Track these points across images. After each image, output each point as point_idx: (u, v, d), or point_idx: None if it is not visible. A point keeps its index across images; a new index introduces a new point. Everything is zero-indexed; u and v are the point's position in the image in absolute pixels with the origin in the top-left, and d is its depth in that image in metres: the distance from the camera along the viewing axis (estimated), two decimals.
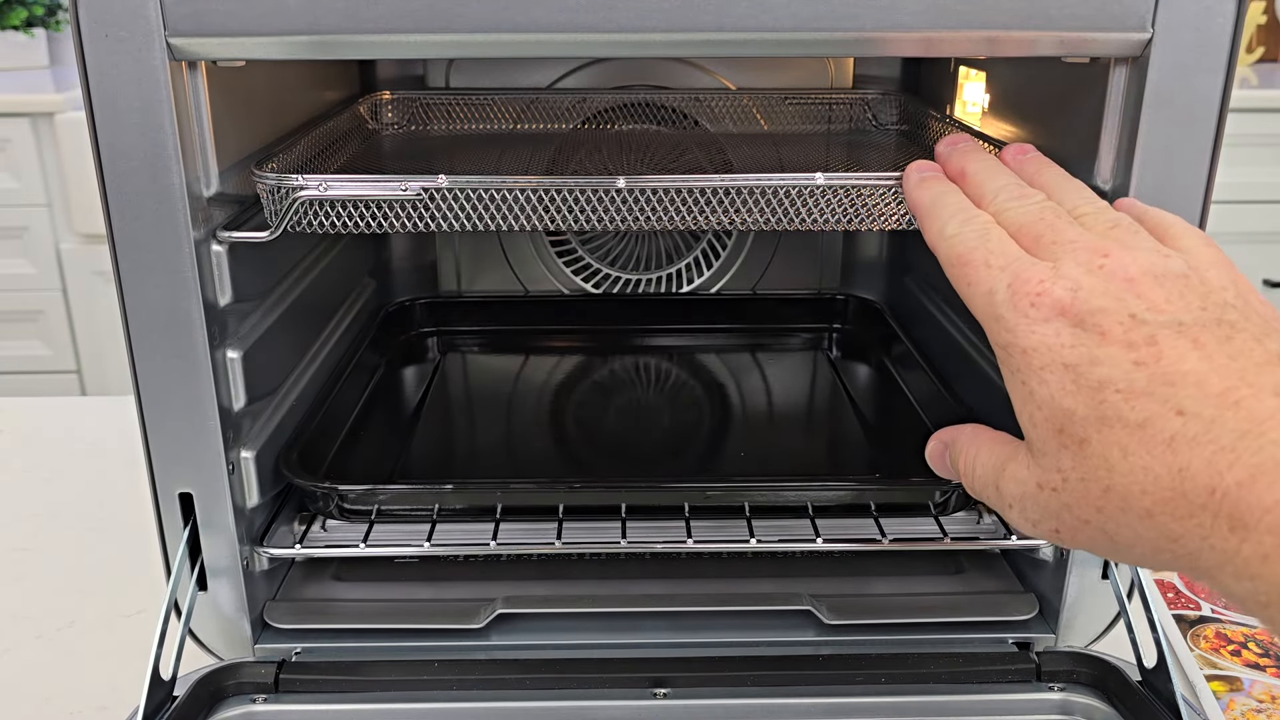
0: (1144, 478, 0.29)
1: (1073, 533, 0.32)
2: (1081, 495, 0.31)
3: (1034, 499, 0.33)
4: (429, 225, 0.48)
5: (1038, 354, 0.32)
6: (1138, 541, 0.30)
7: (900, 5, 0.42)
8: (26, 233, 1.95)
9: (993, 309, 0.34)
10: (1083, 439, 0.31)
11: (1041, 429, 0.32)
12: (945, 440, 0.40)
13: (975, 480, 0.37)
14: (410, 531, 0.54)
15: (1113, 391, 0.30)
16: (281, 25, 0.42)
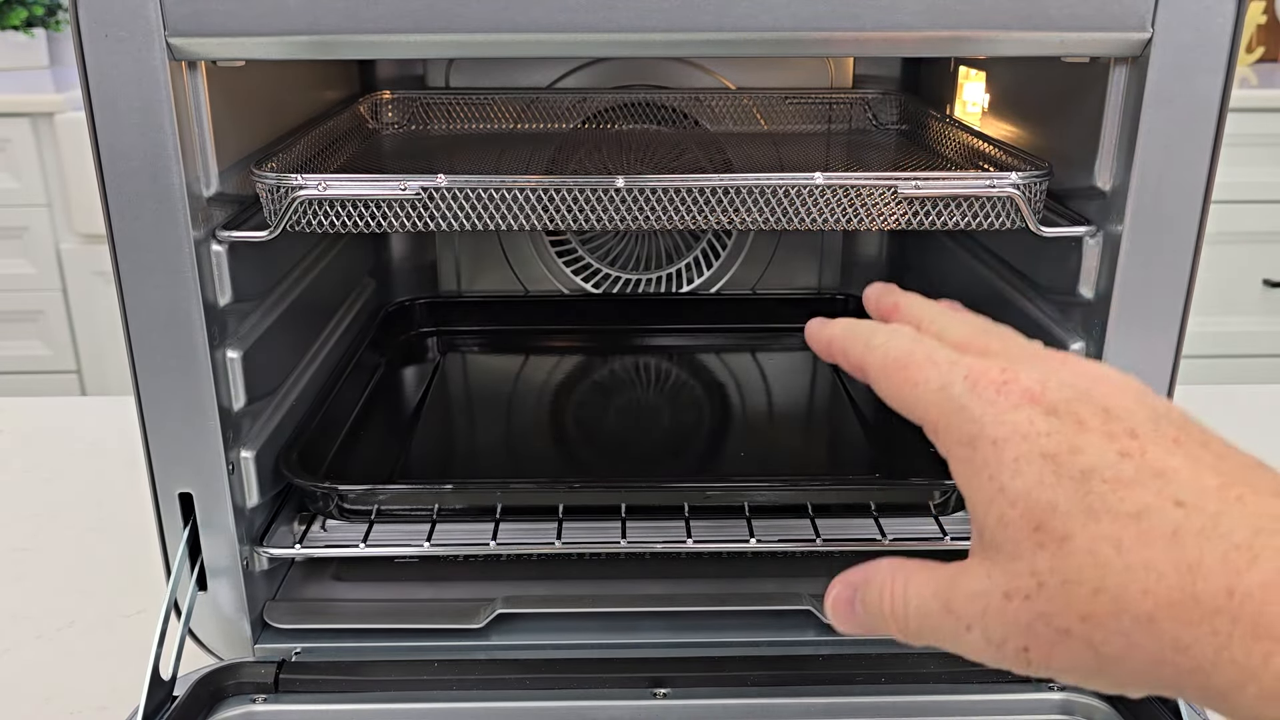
0: (1145, 575, 0.25)
1: (1047, 649, 0.27)
2: (1063, 601, 0.27)
3: (998, 613, 0.28)
4: (429, 225, 0.48)
5: (1010, 444, 0.28)
6: (1131, 653, 0.26)
7: (900, 5, 0.42)
8: (26, 233, 1.95)
9: (950, 402, 0.30)
10: (1065, 535, 0.27)
11: (1014, 528, 0.28)
12: (854, 582, 0.34)
13: (909, 613, 0.32)
14: (410, 531, 0.54)
15: (1099, 481, 0.27)
16: (281, 25, 0.42)
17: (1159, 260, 0.45)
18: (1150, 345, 0.47)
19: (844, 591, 0.34)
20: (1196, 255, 0.45)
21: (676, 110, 0.76)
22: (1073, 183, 0.50)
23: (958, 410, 0.30)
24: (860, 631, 0.34)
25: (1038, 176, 0.48)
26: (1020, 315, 0.57)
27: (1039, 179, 0.48)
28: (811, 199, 0.49)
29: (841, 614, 0.34)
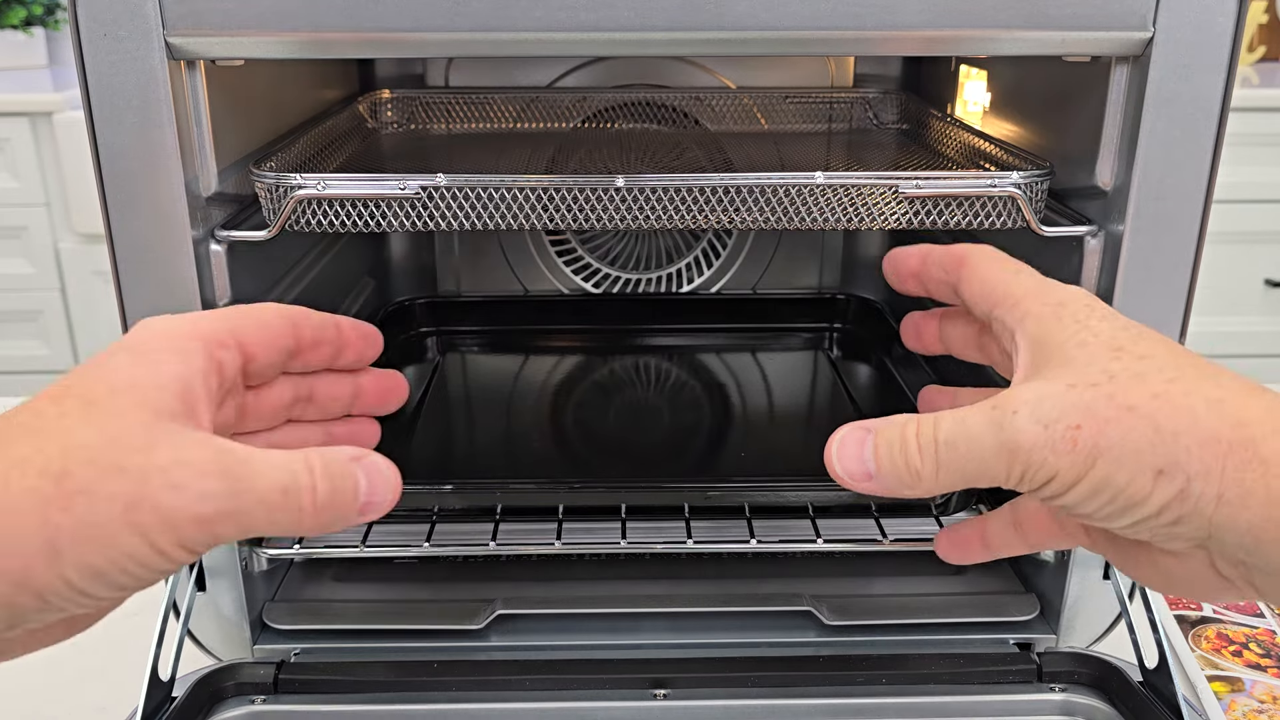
0: (1218, 378, 0.31)
1: (1102, 426, 0.30)
2: (1136, 384, 0.30)
3: (1058, 397, 0.31)
4: (428, 224, 0.48)
5: (1099, 309, 0.34)
6: (1192, 428, 0.29)
7: (901, 5, 0.42)
8: (25, 232, 1.94)
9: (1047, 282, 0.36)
10: (1144, 355, 0.31)
11: (1093, 347, 0.32)
12: (869, 425, 0.35)
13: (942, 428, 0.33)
14: (409, 532, 0.54)
15: (1182, 350, 0.33)
16: (281, 24, 0.41)
17: (1160, 260, 0.45)
18: None
19: (855, 432, 0.35)
20: (1198, 255, 0.45)
21: (676, 110, 0.76)
22: (1074, 182, 0.50)
23: (1054, 289, 0.35)
24: (859, 475, 0.35)
25: (1039, 176, 0.48)
26: None
27: (1040, 178, 0.48)
28: (812, 198, 0.49)
29: (848, 453, 0.35)
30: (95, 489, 0.27)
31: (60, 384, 0.30)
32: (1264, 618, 0.58)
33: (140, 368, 0.30)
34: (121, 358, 0.30)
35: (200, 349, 0.32)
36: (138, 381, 0.29)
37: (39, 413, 0.28)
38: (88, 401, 0.28)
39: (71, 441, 0.27)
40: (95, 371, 0.30)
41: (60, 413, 0.28)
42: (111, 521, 0.27)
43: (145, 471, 0.27)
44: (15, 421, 0.28)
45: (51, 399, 0.29)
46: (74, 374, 0.30)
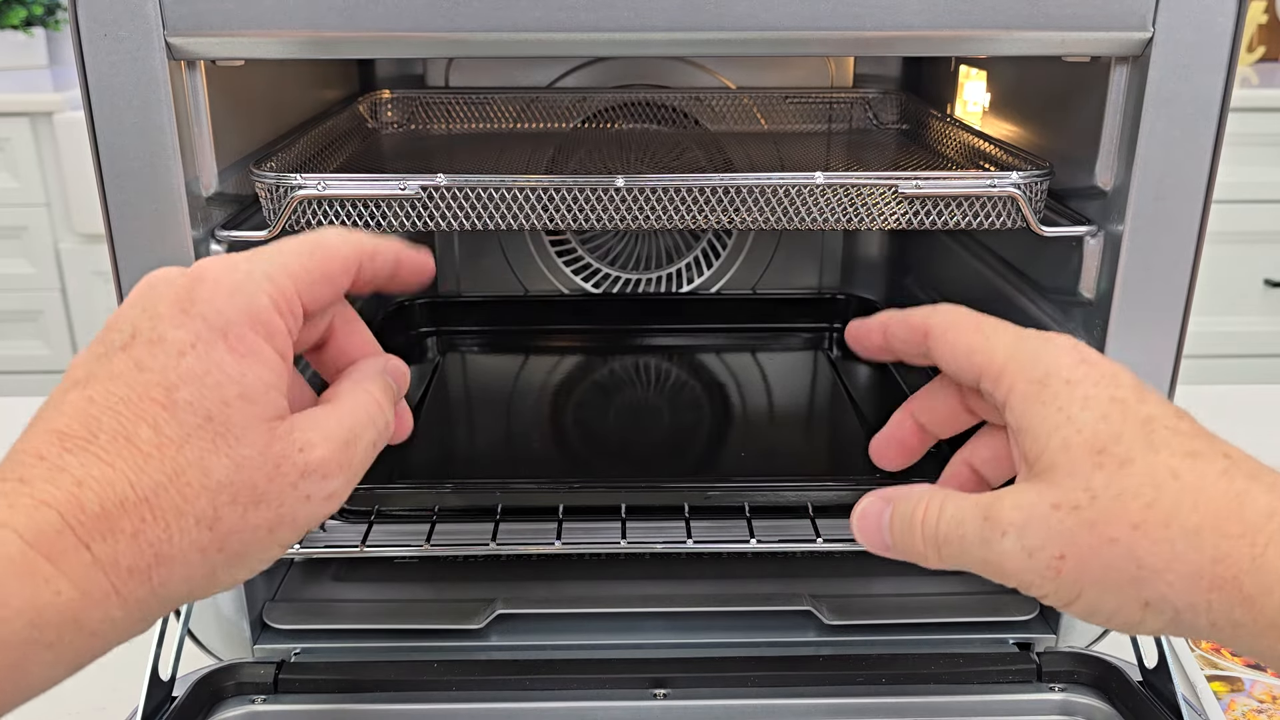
0: (1197, 496, 0.29)
1: (1084, 558, 0.30)
2: (1116, 511, 0.29)
3: (1042, 521, 0.30)
4: (428, 225, 0.48)
5: (1082, 385, 0.31)
6: (1173, 564, 0.29)
7: (900, 5, 0.42)
8: (25, 232, 1.94)
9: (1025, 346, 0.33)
10: (1126, 459, 0.30)
11: (1076, 450, 0.31)
12: (889, 496, 0.35)
13: (942, 521, 0.33)
14: (409, 532, 0.54)
15: (1161, 426, 0.30)
16: (281, 24, 0.41)
17: (1160, 260, 0.45)
18: (1151, 345, 0.47)
19: (875, 504, 0.35)
20: (1197, 255, 0.45)
21: (676, 110, 0.76)
22: (1073, 182, 0.50)
23: (1033, 352, 0.33)
24: (879, 546, 0.35)
25: (1039, 176, 0.48)
26: (1021, 315, 0.57)
27: (1040, 178, 0.48)
28: (812, 198, 0.49)
29: (869, 525, 0.35)
30: (242, 525, 0.29)
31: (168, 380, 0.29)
32: None
33: (243, 367, 0.29)
34: (221, 354, 0.29)
35: (281, 326, 0.31)
36: (247, 390, 0.29)
37: (162, 433, 0.28)
38: (206, 417, 0.28)
39: (211, 481, 0.28)
40: (199, 370, 0.29)
41: (185, 435, 0.28)
42: (259, 544, 0.30)
43: (280, 496, 0.29)
44: (143, 449, 0.28)
45: (166, 407, 0.28)
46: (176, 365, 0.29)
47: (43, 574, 0.26)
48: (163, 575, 0.28)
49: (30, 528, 0.26)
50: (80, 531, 0.26)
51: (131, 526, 0.27)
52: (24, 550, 0.25)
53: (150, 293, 0.31)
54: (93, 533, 0.26)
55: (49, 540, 0.26)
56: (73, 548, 0.26)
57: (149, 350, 0.29)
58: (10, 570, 0.25)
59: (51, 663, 0.26)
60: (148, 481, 0.27)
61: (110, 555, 0.27)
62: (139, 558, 0.27)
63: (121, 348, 0.29)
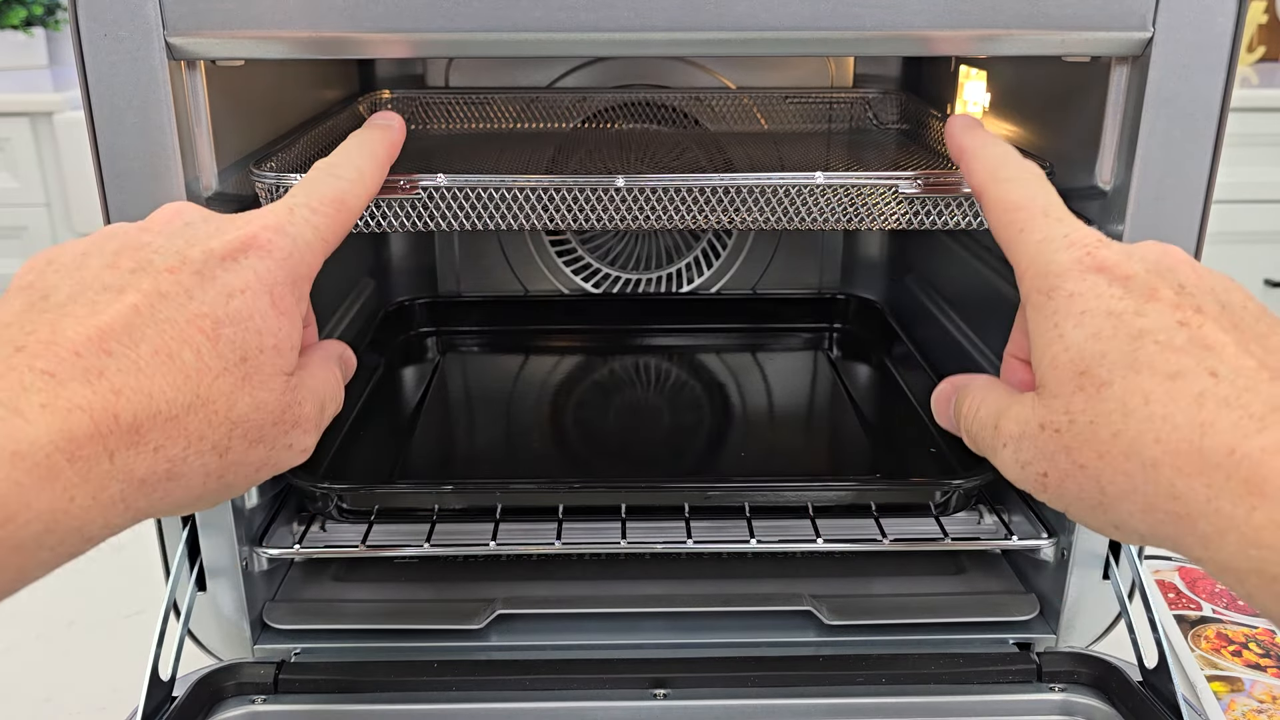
0: (1161, 426, 0.28)
1: (1062, 478, 0.31)
2: (1087, 438, 0.30)
3: (1032, 439, 0.32)
4: (429, 225, 0.48)
5: (1083, 298, 0.31)
6: (1131, 494, 0.29)
7: (900, 5, 0.42)
8: (25, 232, 1.94)
9: (1043, 255, 0.33)
10: (1105, 382, 0.30)
11: (1062, 370, 0.31)
12: (958, 384, 0.39)
13: (975, 421, 0.36)
14: (410, 532, 0.54)
15: (1151, 341, 0.30)
16: (281, 24, 0.41)
17: None
18: None
19: (946, 389, 0.40)
20: (1197, 255, 0.45)
21: (676, 110, 0.76)
22: (1073, 182, 0.50)
23: (1048, 262, 0.33)
24: (947, 425, 0.39)
25: None
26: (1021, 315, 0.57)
27: None
28: (812, 198, 0.49)
29: (940, 404, 0.40)
30: (243, 459, 0.31)
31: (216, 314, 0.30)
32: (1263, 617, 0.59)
33: (280, 323, 0.32)
34: (265, 307, 0.31)
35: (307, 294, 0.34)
36: (279, 343, 0.32)
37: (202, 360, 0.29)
38: (243, 358, 0.31)
39: (234, 415, 0.30)
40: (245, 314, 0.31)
41: (222, 368, 0.30)
42: (244, 479, 0.32)
43: (275, 440, 0.32)
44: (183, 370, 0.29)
45: (210, 339, 0.30)
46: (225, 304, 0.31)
47: (64, 479, 0.26)
48: (167, 490, 0.29)
49: (63, 430, 0.26)
50: (108, 440, 0.27)
51: (155, 441, 0.28)
52: (50, 453, 0.25)
53: (188, 230, 0.33)
54: (119, 442, 0.27)
55: (76, 445, 0.26)
56: (98, 455, 0.26)
57: (198, 282, 0.30)
58: (34, 473, 0.25)
59: (46, 563, 0.26)
60: (182, 401, 0.29)
61: (128, 466, 0.27)
62: (153, 471, 0.28)
63: (168, 270, 0.30)
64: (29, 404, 0.25)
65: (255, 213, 0.34)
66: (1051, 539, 0.53)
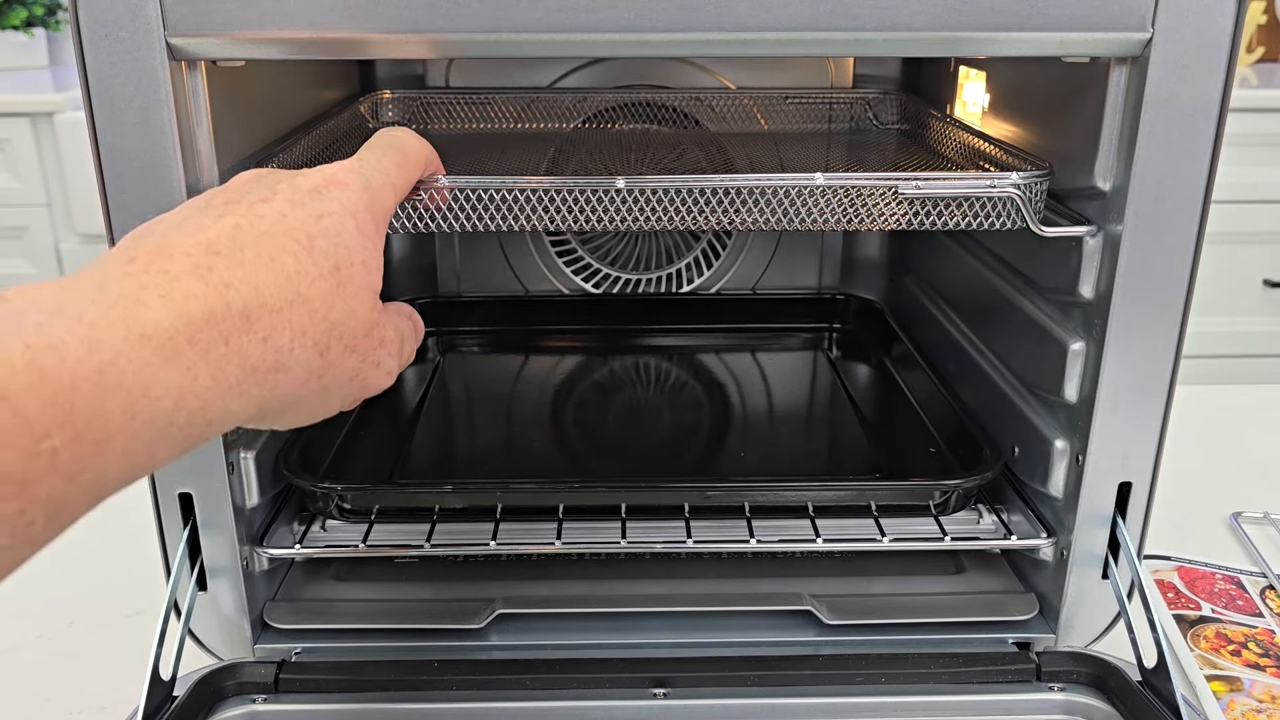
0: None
1: None
2: None
3: None
4: (429, 225, 0.48)
5: None
6: None
7: (900, 5, 0.42)
8: (26, 233, 1.94)
9: None
10: None
11: None
12: None
13: None
14: (410, 531, 0.54)
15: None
16: (281, 25, 0.42)
17: (1159, 260, 0.45)
18: (1150, 345, 0.47)
19: None
20: (1196, 255, 0.45)
21: (677, 110, 0.76)
22: (1073, 183, 0.50)
23: None
24: None
25: (1038, 176, 0.48)
26: (1021, 315, 0.57)
27: (1040, 179, 0.48)
28: (812, 199, 0.49)
29: None
30: (340, 363, 0.34)
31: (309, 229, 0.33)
32: (1262, 617, 0.59)
33: (365, 243, 0.35)
34: (350, 227, 0.34)
35: (381, 228, 0.37)
36: (367, 260, 0.34)
37: (300, 263, 0.32)
38: (336, 267, 0.33)
39: (331, 316, 0.33)
40: (334, 231, 0.33)
41: (318, 273, 0.32)
42: (340, 388, 0.35)
43: (366, 353, 0.35)
44: (284, 270, 0.31)
45: (305, 248, 0.32)
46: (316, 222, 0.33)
47: (186, 359, 0.28)
48: (276, 381, 0.31)
49: (182, 315, 0.28)
50: (223, 325, 0.29)
51: (264, 330, 0.30)
52: (173, 335, 0.27)
53: (270, 176, 0.35)
54: (233, 329, 0.29)
55: (195, 328, 0.28)
56: (215, 339, 0.28)
57: (290, 205, 0.33)
58: (160, 353, 0.27)
59: (174, 443, 0.28)
60: (285, 296, 0.31)
61: (242, 351, 0.29)
62: (264, 359, 0.30)
63: (262, 200, 0.33)
64: (149, 296, 0.28)
65: (329, 164, 0.37)
66: (1051, 539, 0.53)
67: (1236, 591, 0.61)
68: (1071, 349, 0.50)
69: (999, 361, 0.61)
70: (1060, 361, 0.50)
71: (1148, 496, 0.49)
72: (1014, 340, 0.59)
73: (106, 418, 0.25)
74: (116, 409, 0.26)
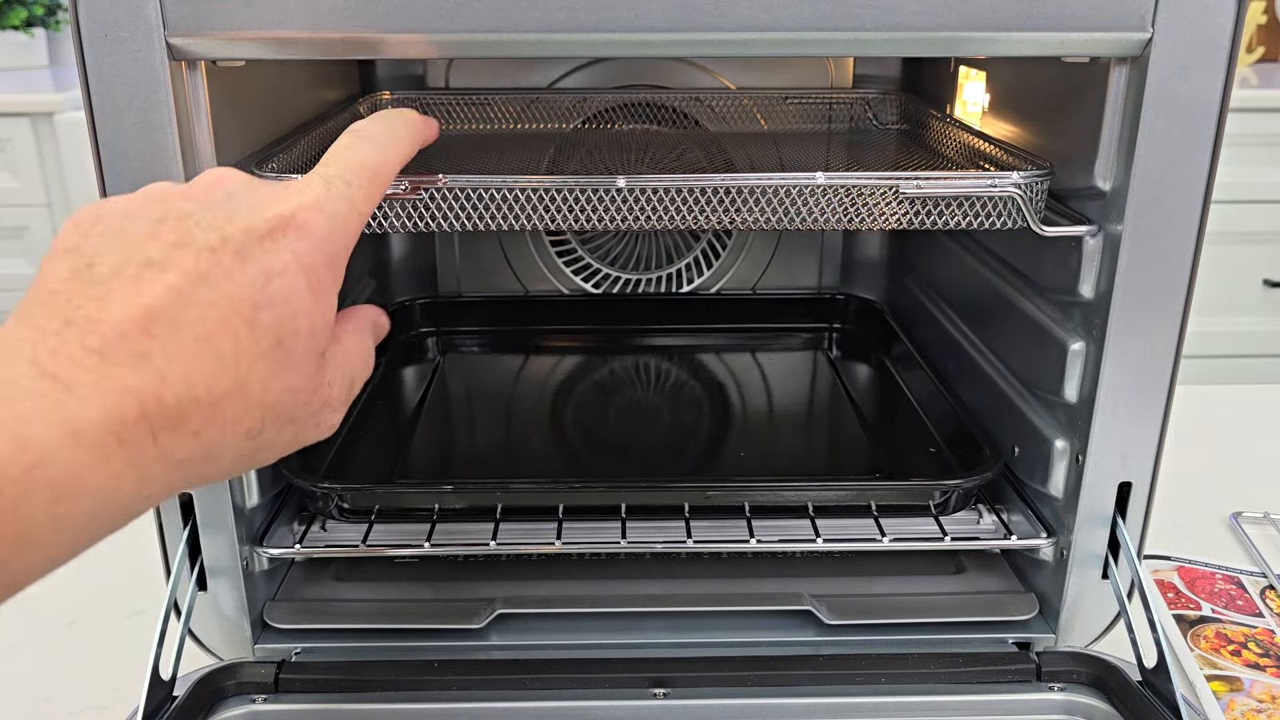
0: None
1: None
2: None
3: None
4: (429, 225, 0.48)
5: None
6: None
7: (900, 5, 0.42)
8: (26, 233, 1.95)
9: None
10: None
11: None
12: None
13: None
14: (410, 531, 0.54)
15: None
16: (281, 25, 0.42)
17: (1159, 260, 0.45)
18: (1150, 345, 0.47)
19: None
20: (1196, 255, 0.45)
21: (677, 110, 0.76)
22: (1073, 182, 0.50)
23: None
24: None
25: (1039, 176, 0.48)
26: (1021, 315, 0.57)
27: (1040, 179, 0.48)
28: (813, 199, 0.49)
29: None
30: (274, 441, 0.32)
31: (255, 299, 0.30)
32: (1262, 617, 0.59)
33: (316, 305, 0.32)
34: (302, 289, 0.32)
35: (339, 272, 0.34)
36: (314, 325, 0.32)
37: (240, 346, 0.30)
38: (279, 341, 0.31)
39: (268, 399, 0.31)
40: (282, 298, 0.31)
41: (258, 353, 0.30)
42: (272, 457, 0.33)
43: (305, 420, 0.33)
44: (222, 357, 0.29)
45: (249, 324, 0.30)
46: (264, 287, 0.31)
47: (115, 462, 0.27)
48: (202, 470, 0.30)
49: (113, 411, 0.27)
50: (154, 422, 0.28)
51: (195, 425, 0.29)
52: (102, 435, 0.26)
53: (229, 202, 0.32)
54: (163, 425, 0.28)
55: (125, 426, 0.27)
56: (143, 436, 0.27)
57: (239, 264, 0.30)
58: (91, 452, 0.26)
59: (95, 538, 0.28)
60: (220, 388, 0.29)
61: (170, 448, 0.28)
62: (192, 453, 0.29)
63: (209, 249, 0.30)
64: (81, 383, 0.26)
65: (294, 186, 0.34)
66: (1051, 538, 0.53)
67: (1236, 591, 0.61)
68: (1071, 349, 0.50)
69: (999, 361, 0.61)
70: (1060, 361, 0.50)
71: (1148, 496, 0.49)
72: (1014, 340, 0.59)
73: (29, 517, 0.25)
74: (40, 508, 0.25)
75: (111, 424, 0.26)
